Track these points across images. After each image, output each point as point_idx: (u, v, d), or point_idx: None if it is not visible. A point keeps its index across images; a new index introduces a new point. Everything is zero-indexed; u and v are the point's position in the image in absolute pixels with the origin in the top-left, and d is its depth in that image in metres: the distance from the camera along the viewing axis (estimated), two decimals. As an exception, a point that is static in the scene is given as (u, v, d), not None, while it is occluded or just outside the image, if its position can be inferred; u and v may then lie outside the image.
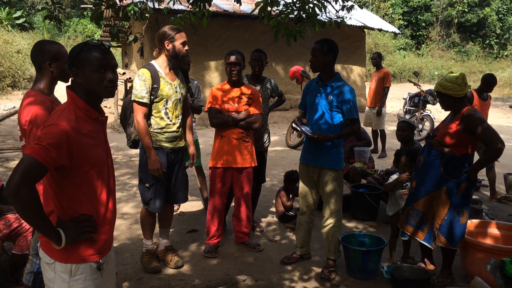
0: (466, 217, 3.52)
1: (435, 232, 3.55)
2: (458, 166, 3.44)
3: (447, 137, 3.44)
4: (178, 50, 3.55)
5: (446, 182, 3.46)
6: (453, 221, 3.48)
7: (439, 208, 3.52)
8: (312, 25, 4.30)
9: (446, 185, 3.47)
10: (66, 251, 1.86)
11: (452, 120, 3.49)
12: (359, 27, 13.32)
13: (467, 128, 3.37)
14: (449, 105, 3.52)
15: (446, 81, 3.45)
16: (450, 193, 3.46)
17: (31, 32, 24.44)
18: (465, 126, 3.37)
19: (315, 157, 3.73)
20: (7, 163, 7.42)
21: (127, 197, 5.73)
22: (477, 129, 3.31)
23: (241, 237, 4.27)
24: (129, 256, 4.04)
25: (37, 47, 2.74)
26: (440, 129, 3.57)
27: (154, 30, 9.79)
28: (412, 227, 3.66)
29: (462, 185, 3.45)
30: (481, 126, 3.32)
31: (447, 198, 3.47)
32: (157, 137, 3.59)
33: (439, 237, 3.53)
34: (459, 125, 3.40)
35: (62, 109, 1.89)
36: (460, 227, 3.50)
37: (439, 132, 3.53)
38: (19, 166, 1.70)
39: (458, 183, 3.45)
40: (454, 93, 3.41)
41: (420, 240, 3.65)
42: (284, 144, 9.39)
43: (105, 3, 4.09)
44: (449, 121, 3.53)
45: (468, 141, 3.42)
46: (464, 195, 3.48)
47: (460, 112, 3.44)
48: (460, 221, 3.49)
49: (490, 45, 29.61)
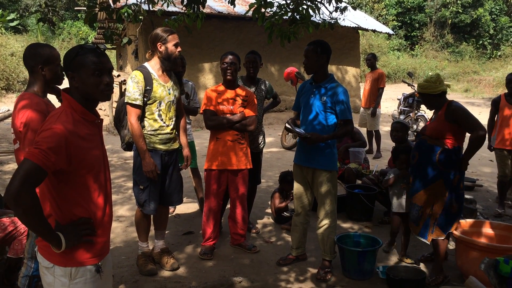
0: (457, 206, 3.66)
1: (433, 226, 3.63)
2: (451, 158, 3.58)
3: (436, 130, 3.62)
4: (170, 51, 3.55)
5: (442, 174, 3.59)
6: (448, 211, 3.61)
7: (437, 201, 3.62)
8: (306, 26, 4.31)
9: (443, 177, 3.59)
10: (65, 255, 1.86)
11: (436, 115, 3.69)
12: (353, 28, 13.36)
13: (450, 117, 3.56)
14: (430, 103, 3.74)
15: (423, 82, 3.73)
16: (446, 185, 3.60)
17: (25, 34, 24.36)
18: (448, 115, 3.57)
19: (308, 158, 3.74)
20: (2, 166, 7.39)
21: (122, 199, 5.72)
22: (459, 116, 3.54)
23: (237, 239, 4.27)
24: (125, 258, 4.03)
25: (29, 51, 2.73)
26: (428, 125, 3.74)
27: (148, 32, 9.76)
28: (410, 222, 3.79)
29: (456, 177, 3.60)
30: (463, 113, 3.56)
31: (444, 190, 3.60)
32: (150, 139, 3.59)
33: (436, 230, 3.62)
34: (443, 115, 3.59)
35: (59, 112, 1.88)
36: (452, 215, 3.64)
37: (428, 128, 3.71)
38: (18, 171, 1.70)
39: (454, 175, 3.59)
40: (431, 91, 3.64)
41: (415, 234, 3.76)
42: (279, 145, 9.41)
43: (99, 6, 4.09)
44: (435, 117, 3.72)
45: (455, 131, 3.58)
46: (457, 186, 3.63)
47: (441, 107, 3.64)
48: (452, 211, 3.63)
49: (484, 46, 29.75)
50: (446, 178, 3.58)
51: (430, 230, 3.66)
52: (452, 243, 4.18)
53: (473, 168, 7.60)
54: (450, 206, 3.60)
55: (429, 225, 3.66)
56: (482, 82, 23.62)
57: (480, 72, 26.29)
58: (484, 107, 17.28)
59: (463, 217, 4.75)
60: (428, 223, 3.66)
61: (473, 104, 17.91)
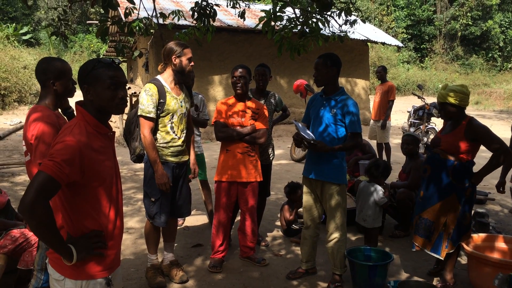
0: (469, 218, 3.66)
1: (447, 240, 3.58)
2: (465, 172, 3.54)
3: (452, 145, 3.54)
4: (184, 65, 3.59)
5: (455, 188, 3.55)
6: (461, 224, 3.58)
7: (450, 215, 3.57)
8: (315, 39, 4.32)
9: (456, 191, 3.55)
10: (76, 268, 1.87)
11: (454, 129, 3.58)
12: (363, 41, 13.39)
13: (471, 135, 3.48)
14: (450, 114, 3.60)
15: (453, 91, 3.52)
16: (460, 199, 3.56)
17: (38, 47, 24.76)
18: (469, 133, 3.49)
19: (317, 171, 3.72)
20: (13, 178, 7.45)
21: (132, 211, 5.73)
22: (482, 136, 3.46)
23: (246, 252, 4.25)
24: (134, 271, 4.03)
25: (40, 66, 2.77)
26: (443, 138, 3.64)
27: (159, 45, 9.86)
28: (421, 238, 3.70)
29: (468, 190, 3.57)
30: (486, 133, 3.48)
31: (457, 203, 3.56)
32: (162, 152, 3.61)
33: (449, 244, 3.58)
34: (464, 132, 3.50)
35: (72, 125, 1.90)
36: (464, 228, 3.62)
37: (443, 141, 3.61)
38: (33, 183, 1.71)
39: (465, 189, 3.55)
40: (463, 103, 3.52)
41: (428, 251, 3.68)
42: (288, 158, 9.39)
43: (111, 19, 4.13)
44: (451, 130, 3.62)
45: (473, 147, 3.53)
46: (469, 199, 3.61)
47: (462, 121, 3.55)
48: (465, 223, 3.61)
49: (494, 58, 29.65)
50: (459, 191, 3.54)
51: (444, 245, 3.59)
52: (464, 257, 4.12)
53: (485, 181, 7.49)
54: (463, 219, 3.56)
55: (443, 239, 3.59)
56: (493, 95, 23.49)
57: (490, 85, 26.17)
58: (495, 119, 17.16)
59: (476, 231, 4.70)
60: (442, 237, 3.60)
61: (484, 117, 17.78)
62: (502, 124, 15.70)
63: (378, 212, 4.37)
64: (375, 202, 4.33)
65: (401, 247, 4.60)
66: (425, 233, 3.67)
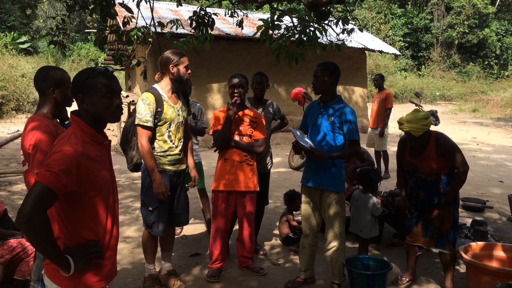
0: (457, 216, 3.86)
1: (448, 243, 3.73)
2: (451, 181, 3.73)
3: (431, 167, 3.69)
4: (182, 74, 3.59)
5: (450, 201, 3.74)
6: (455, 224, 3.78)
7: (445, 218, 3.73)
8: (313, 48, 4.35)
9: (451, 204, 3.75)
10: (73, 278, 1.85)
11: (425, 151, 3.70)
12: (360, 49, 13.45)
13: (441, 152, 3.64)
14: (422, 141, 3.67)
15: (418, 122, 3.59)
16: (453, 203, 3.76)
17: (36, 56, 24.78)
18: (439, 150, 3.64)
19: (316, 179, 3.72)
20: (10, 187, 7.42)
21: (129, 220, 5.71)
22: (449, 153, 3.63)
23: (245, 261, 4.22)
24: (131, 281, 4.00)
25: (40, 73, 2.77)
26: (418, 163, 3.75)
27: (157, 53, 9.90)
28: (423, 238, 3.83)
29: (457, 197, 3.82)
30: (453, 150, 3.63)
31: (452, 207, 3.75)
32: (160, 160, 3.60)
33: (448, 244, 3.73)
34: (434, 151, 3.66)
35: (68, 135, 1.89)
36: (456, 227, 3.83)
37: (421, 167, 3.74)
38: (30, 194, 1.70)
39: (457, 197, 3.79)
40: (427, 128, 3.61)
41: (433, 248, 3.80)
42: (286, 166, 9.38)
43: (109, 28, 4.15)
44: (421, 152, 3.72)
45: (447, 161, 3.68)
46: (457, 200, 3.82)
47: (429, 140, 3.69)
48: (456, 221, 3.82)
49: (490, 66, 29.82)
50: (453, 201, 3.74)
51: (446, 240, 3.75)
52: (463, 266, 4.11)
53: (483, 190, 7.52)
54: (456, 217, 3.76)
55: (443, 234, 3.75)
56: (490, 102, 23.59)
57: (487, 92, 26.29)
58: (493, 127, 17.20)
59: (474, 240, 4.69)
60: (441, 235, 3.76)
61: (481, 124, 17.83)
62: (500, 132, 15.76)
63: (374, 222, 4.35)
64: (370, 213, 4.32)
65: (400, 255, 4.58)
66: (427, 232, 3.79)
